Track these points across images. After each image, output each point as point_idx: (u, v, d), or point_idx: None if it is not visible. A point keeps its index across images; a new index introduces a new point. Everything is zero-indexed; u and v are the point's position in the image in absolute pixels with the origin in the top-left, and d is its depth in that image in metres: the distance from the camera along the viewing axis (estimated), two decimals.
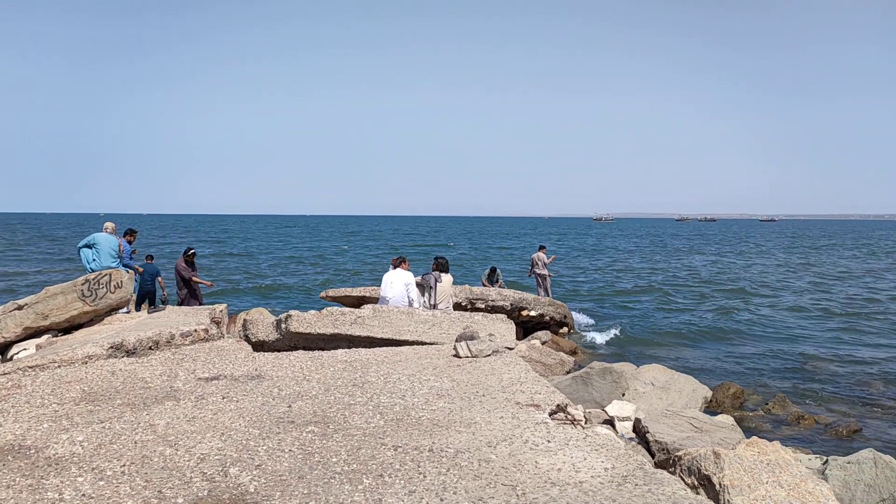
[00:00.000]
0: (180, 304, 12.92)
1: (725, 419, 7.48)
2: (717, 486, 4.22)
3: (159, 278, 13.12)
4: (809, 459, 6.22)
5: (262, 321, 8.47)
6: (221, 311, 9.29)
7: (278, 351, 7.56)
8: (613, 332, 17.44)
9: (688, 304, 23.47)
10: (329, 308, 8.04)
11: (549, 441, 4.10)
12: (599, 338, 16.54)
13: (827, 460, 5.75)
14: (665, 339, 16.83)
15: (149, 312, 10.26)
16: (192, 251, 13.54)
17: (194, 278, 13.24)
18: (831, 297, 25.19)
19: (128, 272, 10.42)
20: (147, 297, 12.76)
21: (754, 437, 4.96)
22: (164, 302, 13.05)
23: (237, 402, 5.00)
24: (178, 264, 13.31)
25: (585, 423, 4.70)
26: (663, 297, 25.41)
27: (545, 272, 17.93)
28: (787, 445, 7.86)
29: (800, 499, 4.19)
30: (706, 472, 4.38)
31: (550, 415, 4.68)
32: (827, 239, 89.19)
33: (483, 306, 13.89)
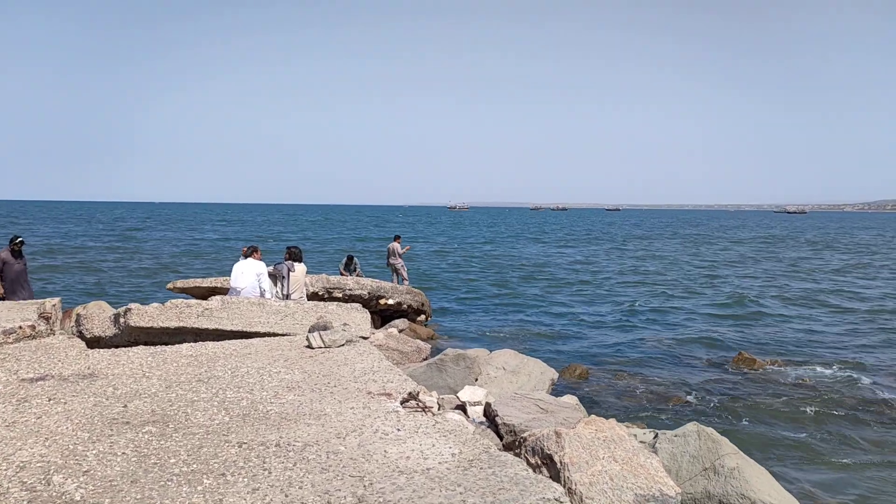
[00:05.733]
0: (1, 298, 11.72)
1: (570, 399, 7.89)
2: (559, 465, 4.43)
3: None
4: (644, 433, 6.69)
5: (99, 315, 7.90)
6: (54, 305, 8.54)
7: (117, 347, 7.08)
8: (470, 318, 17.86)
9: (540, 290, 24.50)
10: (174, 300, 7.63)
11: (398, 430, 4.12)
12: (456, 324, 16.88)
13: (657, 434, 6.21)
14: (519, 324, 17.46)
15: None
16: (19, 240, 12.31)
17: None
18: (666, 280, 27.25)
19: None
20: None
21: (593, 416, 5.25)
22: None
23: (65, 403, 4.62)
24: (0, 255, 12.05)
25: (438, 409, 4.77)
26: (518, 284, 26.36)
27: (400, 262, 18.13)
28: (624, 420, 8.44)
29: (632, 472, 4.49)
30: (548, 452, 4.58)
31: (402, 403, 4.71)
32: (663, 228, 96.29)
33: (340, 295, 13.76)
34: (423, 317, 15.89)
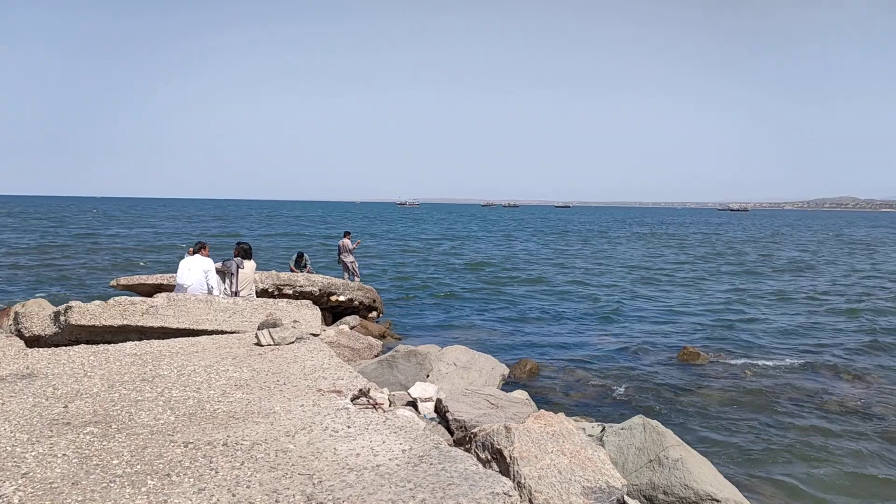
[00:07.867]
0: None
1: (520, 394, 7.98)
2: (508, 459, 4.48)
3: None
4: (592, 427, 6.80)
5: (38, 313, 7.65)
6: None
7: (57, 346, 6.87)
8: (422, 314, 17.86)
9: (491, 286, 24.66)
10: (117, 298, 7.43)
11: (349, 427, 4.10)
12: (408, 321, 16.86)
13: (604, 427, 6.33)
14: (471, 320, 17.55)
15: None
16: None
17: None
18: (617, 277, 27.75)
19: None
20: None
21: (542, 410, 5.33)
22: None
23: (3, 404, 4.46)
24: None
25: (389, 406, 4.77)
26: (470, 280, 26.49)
27: (351, 258, 18.05)
28: (573, 414, 8.58)
29: (580, 465, 4.57)
30: (498, 447, 4.63)
31: (352, 400, 4.69)
32: (618, 226, 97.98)
33: (291, 292, 13.60)
34: (374, 313, 15.83)
